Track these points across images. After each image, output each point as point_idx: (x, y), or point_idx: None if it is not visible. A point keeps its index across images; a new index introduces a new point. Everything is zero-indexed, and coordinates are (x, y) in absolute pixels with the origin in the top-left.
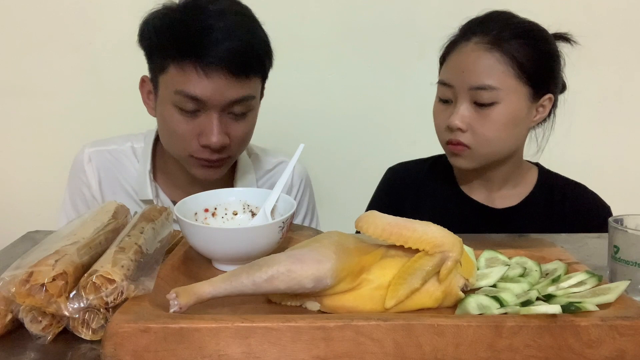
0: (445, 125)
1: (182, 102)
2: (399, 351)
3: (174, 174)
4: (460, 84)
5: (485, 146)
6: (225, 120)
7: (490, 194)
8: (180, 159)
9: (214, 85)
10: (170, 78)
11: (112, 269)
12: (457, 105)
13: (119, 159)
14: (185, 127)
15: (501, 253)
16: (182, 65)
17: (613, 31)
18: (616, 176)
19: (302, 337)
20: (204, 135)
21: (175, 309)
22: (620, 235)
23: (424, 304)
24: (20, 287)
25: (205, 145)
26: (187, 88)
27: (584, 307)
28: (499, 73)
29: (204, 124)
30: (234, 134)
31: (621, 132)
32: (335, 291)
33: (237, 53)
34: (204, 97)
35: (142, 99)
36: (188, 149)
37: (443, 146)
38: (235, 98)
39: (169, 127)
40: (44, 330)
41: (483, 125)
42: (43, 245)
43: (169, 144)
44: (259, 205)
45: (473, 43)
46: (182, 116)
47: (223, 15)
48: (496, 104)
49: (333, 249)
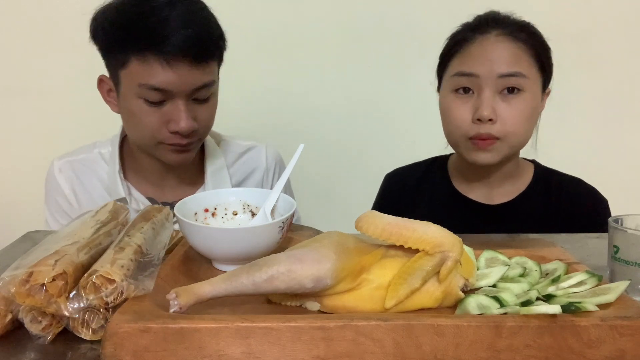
0: (470, 118)
1: (148, 94)
2: (399, 351)
3: (144, 170)
4: (488, 73)
5: (514, 137)
6: (191, 106)
7: (490, 192)
8: (150, 148)
9: (178, 75)
10: (132, 72)
11: (112, 269)
12: (481, 96)
13: (88, 166)
14: (153, 116)
15: (501, 253)
16: (144, 57)
17: (613, 31)
18: (616, 176)
19: (302, 337)
20: (172, 122)
21: (175, 309)
22: (620, 235)
23: (424, 304)
24: (20, 287)
25: (174, 132)
26: (151, 80)
27: (584, 307)
28: (525, 61)
29: (171, 112)
30: (201, 118)
31: (621, 132)
32: (335, 291)
33: (196, 41)
34: (170, 87)
35: (103, 97)
36: (158, 137)
37: (460, 142)
38: (199, 84)
39: (137, 120)
40: (44, 331)
41: (511, 114)
42: (43, 245)
43: (137, 136)
44: (259, 205)
45: (494, 35)
46: (149, 107)
47: (174, 5)
48: (522, 92)
49: (333, 249)
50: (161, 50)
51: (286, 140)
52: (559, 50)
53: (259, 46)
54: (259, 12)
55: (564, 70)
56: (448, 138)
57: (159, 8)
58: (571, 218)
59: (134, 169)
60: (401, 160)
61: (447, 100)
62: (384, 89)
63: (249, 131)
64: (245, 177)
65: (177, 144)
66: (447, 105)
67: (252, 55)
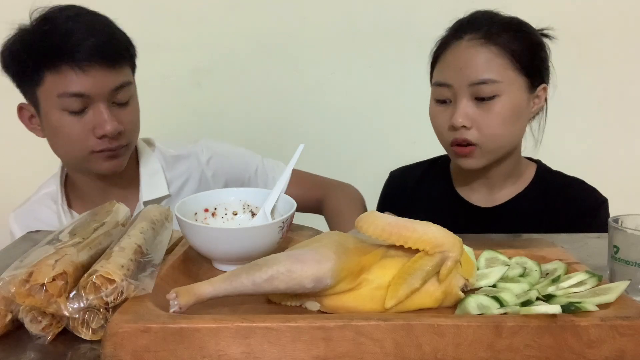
0: (448, 125)
1: (68, 102)
2: (399, 351)
3: (87, 194)
4: (459, 82)
5: (492, 141)
6: (113, 110)
7: (491, 193)
8: (82, 161)
9: (93, 79)
10: (49, 87)
11: (112, 269)
12: (457, 104)
13: (37, 210)
14: (78, 126)
15: (501, 253)
16: (57, 69)
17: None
18: (616, 176)
19: (302, 337)
20: (98, 127)
21: (175, 309)
22: (620, 235)
23: (424, 304)
24: (20, 287)
25: (102, 136)
26: (69, 88)
27: (584, 307)
28: (498, 66)
29: (94, 118)
30: (125, 121)
31: (621, 132)
32: (335, 291)
33: (104, 45)
34: (87, 91)
35: (26, 126)
36: (87, 147)
37: (447, 148)
38: (115, 85)
39: (63, 133)
40: (43, 330)
41: (487, 120)
42: (43, 245)
43: (67, 152)
44: (259, 205)
45: (466, 41)
46: (72, 117)
47: (77, 18)
48: (498, 97)
49: (333, 249)
50: (72, 57)
51: (286, 140)
52: (560, 50)
53: (259, 46)
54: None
55: (564, 70)
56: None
57: (62, 23)
58: (570, 218)
59: (77, 197)
60: (401, 161)
61: (431, 108)
62: (384, 90)
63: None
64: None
65: (106, 149)
66: (432, 113)
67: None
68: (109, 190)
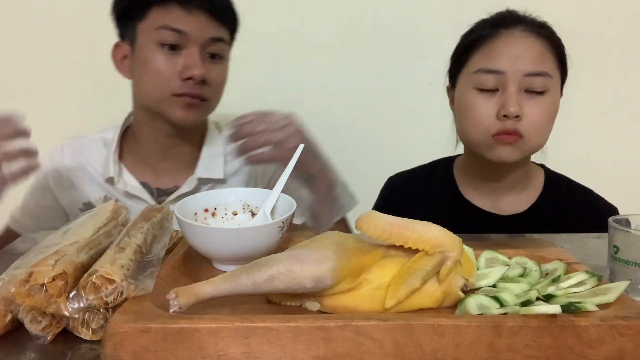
0: (495, 114)
1: (165, 36)
2: (398, 351)
3: (143, 151)
4: (514, 70)
5: (536, 136)
6: (204, 60)
7: (497, 199)
8: (161, 102)
9: (196, 21)
10: (151, 20)
11: (112, 269)
12: (507, 92)
13: (87, 146)
14: (168, 63)
15: (501, 253)
16: (165, 6)
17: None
18: (616, 176)
19: (302, 337)
20: (187, 68)
21: (175, 309)
22: (620, 235)
23: (424, 304)
24: (20, 287)
25: (188, 78)
26: (171, 22)
27: (584, 307)
28: (549, 59)
29: (185, 59)
30: (212, 76)
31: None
32: (335, 291)
33: None
34: (187, 29)
35: (116, 64)
36: (170, 87)
37: (484, 139)
38: (214, 35)
39: (152, 69)
40: (43, 331)
41: (537, 114)
42: (43, 245)
43: (150, 90)
44: (258, 205)
45: (519, 30)
46: (164, 54)
47: None
48: (547, 92)
49: (333, 249)
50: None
51: None
52: None
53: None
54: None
55: None
56: (466, 136)
57: None
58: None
59: (132, 151)
60: (401, 162)
61: (467, 97)
62: (384, 90)
63: None
64: (234, 172)
65: (188, 94)
66: (468, 102)
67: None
68: (168, 152)
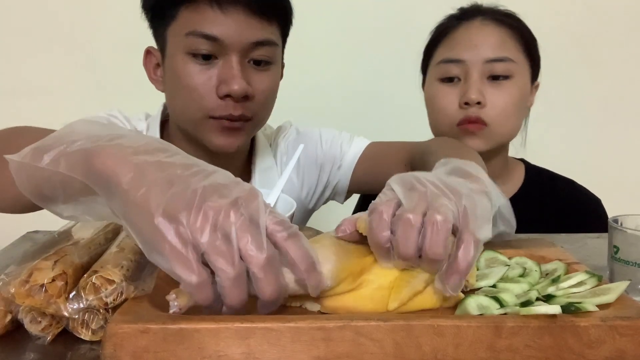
0: (457, 104)
1: (196, 44)
2: (398, 351)
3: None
4: (474, 58)
5: (501, 124)
6: (246, 69)
7: None
8: (196, 126)
9: (232, 23)
10: (181, 23)
11: (112, 270)
12: (468, 81)
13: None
14: (201, 77)
15: (501, 253)
16: (195, 6)
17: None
18: (616, 176)
19: (302, 338)
20: (223, 82)
21: (175, 310)
22: (619, 235)
23: (425, 304)
24: (20, 288)
25: (226, 95)
26: (201, 27)
27: (584, 307)
28: (512, 46)
29: (222, 71)
30: (257, 86)
31: (621, 132)
32: (336, 292)
33: None
34: (221, 35)
35: (148, 75)
36: (206, 107)
37: (449, 131)
38: (256, 39)
39: (183, 84)
40: (43, 331)
41: (500, 99)
42: (43, 245)
43: (183, 111)
44: None
45: (479, 21)
46: (197, 65)
47: None
48: (511, 77)
49: (333, 250)
50: None
51: None
52: (560, 50)
53: None
54: None
55: (564, 69)
56: (434, 129)
57: None
58: (566, 220)
59: None
60: None
61: (432, 89)
62: (383, 90)
63: None
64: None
65: (227, 117)
66: (433, 93)
67: None
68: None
